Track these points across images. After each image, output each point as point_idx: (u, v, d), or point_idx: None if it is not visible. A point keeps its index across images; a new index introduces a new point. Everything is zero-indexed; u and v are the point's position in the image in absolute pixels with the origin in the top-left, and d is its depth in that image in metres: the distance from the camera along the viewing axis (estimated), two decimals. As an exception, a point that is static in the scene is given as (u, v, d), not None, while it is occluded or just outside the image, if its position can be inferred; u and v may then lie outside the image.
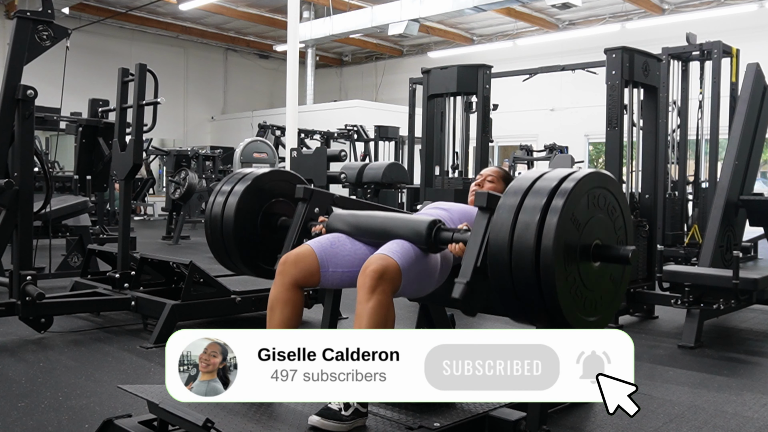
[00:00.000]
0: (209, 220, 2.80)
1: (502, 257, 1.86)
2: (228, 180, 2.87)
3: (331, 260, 2.42)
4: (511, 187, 1.98)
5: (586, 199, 1.91)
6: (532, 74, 9.72)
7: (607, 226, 1.99)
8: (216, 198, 2.82)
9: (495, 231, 1.91)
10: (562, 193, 1.86)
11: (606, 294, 2.01)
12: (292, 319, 2.38)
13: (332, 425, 2.04)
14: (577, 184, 1.88)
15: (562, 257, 1.82)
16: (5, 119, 3.82)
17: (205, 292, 4.14)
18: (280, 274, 2.40)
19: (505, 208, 1.92)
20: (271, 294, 2.40)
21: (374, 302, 2.13)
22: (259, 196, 2.82)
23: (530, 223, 1.84)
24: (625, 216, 2.06)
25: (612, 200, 2.02)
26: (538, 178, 1.96)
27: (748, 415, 2.85)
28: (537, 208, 1.85)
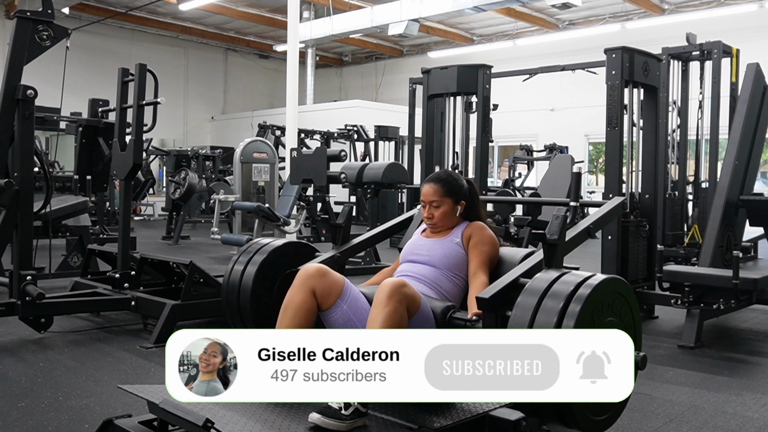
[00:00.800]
0: (227, 287, 2.85)
1: None
2: (246, 251, 2.92)
3: (351, 301, 2.40)
4: (529, 287, 2.07)
5: (601, 304, 2.01)
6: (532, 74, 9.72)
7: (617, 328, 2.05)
8: (234, 266, 2.88)
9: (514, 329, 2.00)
10: (578, 299, 1.96)
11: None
12: (304, 324, 2.35)
13: (332, 424, 2.04)
14: (593, 290, 1.98)
15: None
16: (5, 119, 3.82)
17: (205, 292, 4.14)
18: (301, 276, 2.38)
19: (523, 307, 2.02)
20: (287, 296, 2.38)
21: (391, 308, 2.14)
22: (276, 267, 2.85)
23: (548, 324, 1.94)
24: (636, 321, 2.15)
25: (624, 305, 2.11)
26: (555, 280, 2.05)
27: (748, 415, 2.85)
28: (555, 310, 1.95)
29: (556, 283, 2.04)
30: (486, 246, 2.62)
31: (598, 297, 1.98)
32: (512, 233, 6.32)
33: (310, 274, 2.38)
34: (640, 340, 2.16)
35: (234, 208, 8.42)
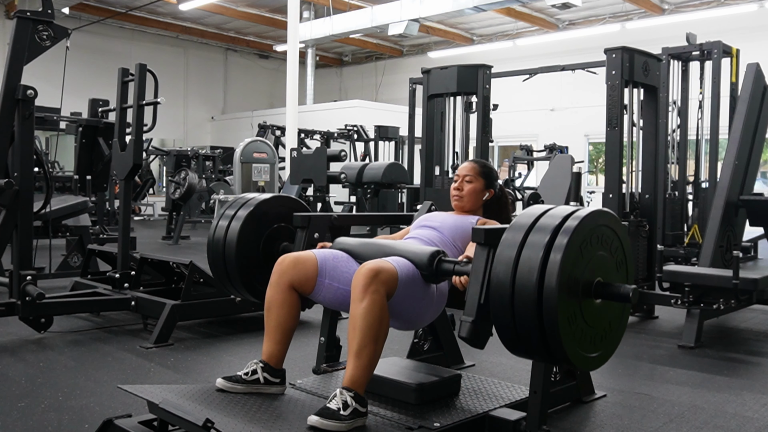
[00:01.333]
0: (212, 245, 2.81)
1: (504, 292, 1.87)
2: (231, 205, 2.88)
3: (330, 272, 2.40)
4: (514, 223, 1.98)
5: (589, 237, 1.92)
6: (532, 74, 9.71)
7: (609, 264, 2.00)
8: (219, 222, 2.82)
9: (498, 266, 1.91)
10: (565, 232, 1.86)
11: (607, 330, 2.02)
12: (289, 319, 2.39)
13: (331, 425, 2.04)
14: (581, 222, 1.89)
15: (565, 295, 1.83)
16: (5, 119, 3.82)
17: (205, 292, 4.14)
18: (276, 273, 2.39)
19: (508, 243, 1.92)
20: (267, 294, 2.40)
21: (368, 302, 2.13)
22: (262, 222, 2.83)
23: (534, 259, 1.84)
24: (626, 254, 2.07)
25: (614, 238, 2.03)
26: (541, 215, 1.97)
27: (748, 415, 2.85)
28: (540, 245, 1.86)
29: (542, 217, 1.95)
30: None
31: (586, 230, 1.90)
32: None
33: (283, 269, 2.39)
34: (632, 273, 2.10)
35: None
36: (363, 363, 2.13)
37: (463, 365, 3.36)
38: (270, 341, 2.39)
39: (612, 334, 2.04)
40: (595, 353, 1.97)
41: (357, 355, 2.13)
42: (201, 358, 3.57)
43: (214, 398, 2.25)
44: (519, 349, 1.96)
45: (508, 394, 2.59)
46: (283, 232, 2.89)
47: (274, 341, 2.38)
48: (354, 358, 2.13)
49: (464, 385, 2.63)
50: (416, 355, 3.11)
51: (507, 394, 2.59)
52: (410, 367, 2.66)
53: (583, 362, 1.93)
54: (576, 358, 1.88)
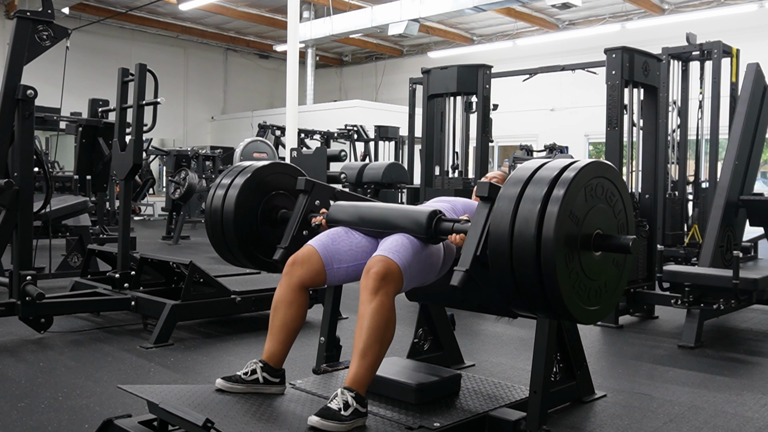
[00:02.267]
0: (209, 213, 2.79)
1: (503, 247, 1.85)
2: (228, 173, 2.86)
3: (335, 257, 2.43)
4: (512, 177, 1.96)
5: (587, 188, 1.90)
6: (532, 74, 9.71)
7: (608, 216, 1.97)
8: (216, 191, 2.80)
9: (495, 220, 1.89)
10: (562, 183, 1.84)
11: (607, 283, 1.99)
12: (296, 320, 2.39)
13: (331, 425, 2.04)
14: (578, 173, 1.86)
15: (563, 247, 1.80)
16: (5, 119, 3.81)
17: (205, 292, 4.14)
18: (286, 275, 2.41)
19: (505, 197, 1.91)
20: (276, 294, 2.41)
21: (377, 303, 2.15)
22: (259, 189, 2.81)
23: (531, 212, 1.82)
24: (625, 205, 2.05)
25: (613, 189, 2.00)
26: (538, 168, 1.95)
27: (748, 415, 2.85)
28: (538, 198, 1.84)
29: (539, 169, 1.93)
30: None
31: (583, 181, 1.88)
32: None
33: (293, 270, 2.39)
34: (632, 224, 2.09)
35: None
36: (367, 363, 2.13)
37: (463, 365, 3.36)
38: (273, 340, 2.39)
39: (613, 286, 2.02)
40: (594, 306, 1.95)
41: (362, 355, 2.13)
42: (201, 358, 3.57)
43: (214, 398, 2.25)
44: (518, 302, 1.94)
45: (508, 394, 2.59)
46: (281, 199, 2.88)
47: (277, 340, 2.38)
48: (359, 358, 2.13)
49: (464, 385, 2.63)
50: (416, 355, 3.11)
51: (507, 394, 2.58)
52: (410, 367, 2.66)
53: (583, 315, 1.90)
54: (575, 310, 1.86)
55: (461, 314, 4.42)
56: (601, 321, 3.68)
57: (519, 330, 4.34)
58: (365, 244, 2.47)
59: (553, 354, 2.59)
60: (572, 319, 1.90)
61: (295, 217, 2.76)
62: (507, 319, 2.83)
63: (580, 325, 2.63)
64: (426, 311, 3.13)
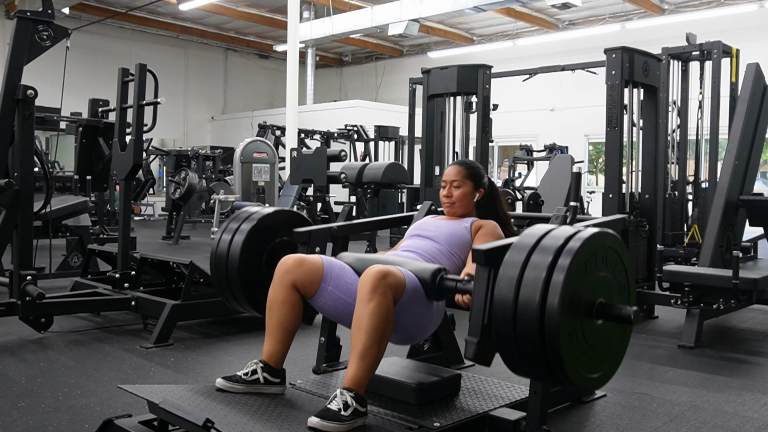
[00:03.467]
0: (215, 258, 2.80)
1: (507, 312, 1.88)
2: (234, 219, 2.88)
3: (334, 280, 2.39)
4: (517, 243, 1.98)
5: (592, 257, 1.93)
6: (532, 74, 9.72)
7: (611, 285, 2.00)
8: (222, 236, 2.82)
9: (501, 286, 1.92)
10: (568, 252, 1.87)
11: (608, 351, 2.02)
12: (291, 319, 2.37)
13: (331, 426, 2.04)
14: (584, 243, 1.90)
15: (567, 314, 1.83)
16: (5, 119, 3.82)
17: (205, 292, 4.14)
18: (279, 272, 2.37)
19: (511, 264, 1.93)
20: (269, 294, 2.39)
21: (375, 304, 2.12)
22: (264, 236, 2.83)
23: (536, 280, 1.85)
24: (629, 275, 2.07)
25: (616, 259, 2.03)
26: (544, 235, 1.97)
27: (748, 415, 2.85)
28: (543, 265, 1.86)
29: (544, 237, 1.96)
30: (491, 238, 2.61)
31: (588, 251, 1.90)
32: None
33: (287, 268, 2.37)
34: (633, 294, 2.10)
35: (234, 208, 8.43)
36: (366, 364, 2.13)
37: (463, 365, 3.36)
38: (271, 341, 2.38)
39: (613, 354, 2.05)
40: (596, 374, 1.97)
41: (361, 356, 2.12)
42: (201, 358, 3.57)
43: (214, 398, 2.25)
44: (521, 369, 1.97)
45: (508, 394, 2.60)
46: (285, 245, 2.89)
47: (275, 341, 2.38)
48: (357, 359, 2.13)
49: (464, 385, 2.63)
50: (416, 355, 3.11)
51: (507, 394, 2.59)
52: (410, 367, 2.66)
53: (585, 382, 1.93)
54: (578, 379, 1.89)
55: (461, 314, 4.41)
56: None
57: (519, 330, 4.34)
58: None
59: (553, 354, 2.58)
60: (574, 386, 1.93)
61: None
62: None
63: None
64: (426, 311, 3.13)
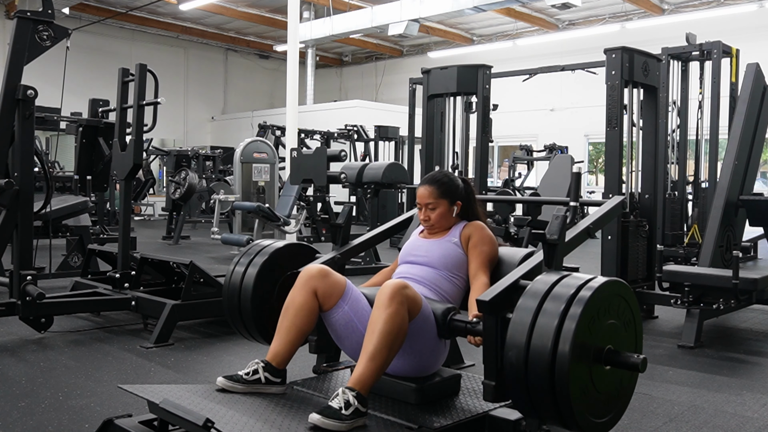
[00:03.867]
0: (227, 290, 2.83)
1: (519, 358, 1.95)
2: (247, 252, 2.90)
3: (353, 302, 2.40)
4: (529, 290, 2.05)
5: (602, 306, 2.00)
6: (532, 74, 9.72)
7: (620, 333, 2.07)
8: (235, 268, 2.85)
9: (513, 332, 1.99)
10: (579, 301, 1.94)
11: (615, 396, 2.09)
12: (305, 324, 2.37)
13: (332, 424, 2.04)
14: (595, 292, 1.97)
15: (577, 361, 1.91)
16: (5, 119, 3.82)
17: (205, 292, 4.14)
18: (303, 278, 2.40)
19: (524, 310, 2.00)
20: (289, 297, 2.40)
21: (393, 310, 2.15)
22: (276, 269, 2.84)
23: (549, 327, 1.93)
24: (636, 323, 2.15)
25: (626, 308, 2.10)
26: (556, 282, 2.04)
27: (748, 415, 2.85)
28: (556, 313, 1.94)
29: (557, 285, 2.04)
30: (486, 246, 2.61)
31: (599, 299, 1.98)
32: (512, 233, 6.32)
33: (312, 274, 2.39)
34: (641, 342, 2.17)
35: (234, 208, 8.43)
36: (375, 366, 2.14)
37: (463, 365, 3.36)
38: (280, 341, 2.37)
39: (620, 399, 2.11)
40: (603, 418, 2.03)
41: (371, 358, 2.13)
42: (201, 358, 3.57)
43: (215, 398, 2.25)
44: (531, 412, 2.03)
45: (508, 394, 2.60)
46: (296, 279, 2.92)
47: (284, 342, 2.37)
48: (367, 360, 2.14)
49: (464, 385, 2.63)
50: (416, 355, 3.10)
51: (507, 394, 2.59)
52: (410, 367, 2.65)
53: (592, 427, 1.99)
54: (585, 423, 1.95)
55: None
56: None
57: (519, 330, 4.34)
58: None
59: (553, 354, 2.59)
60: (582, 431, 1.98)
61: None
62: None
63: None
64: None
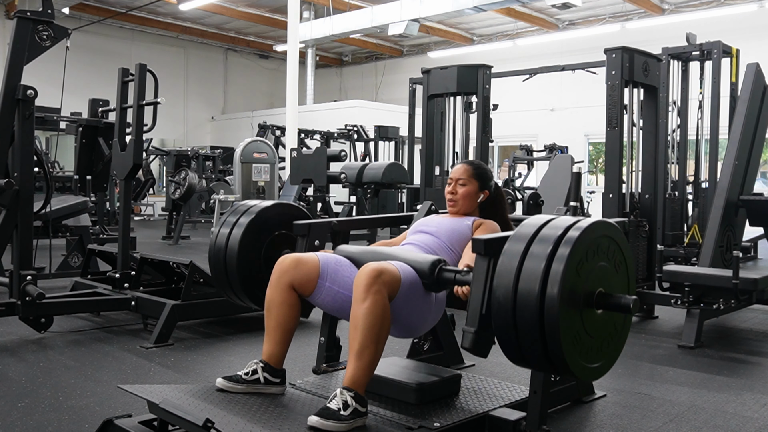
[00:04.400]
0: (213, 252, 2.80)
1: (507, 302, 1.87)
2: (232, 212, 2.88)
3: (331, 275, 2.40)
4: (516, 234, 1.98)
5: (591, 247, 1.93)
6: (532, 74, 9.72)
7: (610, 275, 2.00)
8: (220, 230, 2.81)
9: (500, 276, 1.91)
10: (567, 242, 1.86)
11: (607, 341, 2.02)
12: (290, 319, 2.38)
13: (331, 425, 2.04)
14: (583, 232, 1.89)
15: (567, 305, 1.82)
16: (5, 119, 3.82)
17: (205, 292, 4.14)
18: (276, 273, 2.38)
19: (510, 254, 1.92)
20: (267, 295, 2.39)
21: (370, 302, 2.13)
22: (263, 229, 2.82)
23: (536, 270, 1.84)
24: (628, 264, 2.07)
25: (616, 249, 2.03)
26: (543, 225, 1.97)
27: (748, 415, 2.85)
28: (543, 255, 1.86)
29: (544, 227, 1.95)
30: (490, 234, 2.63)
31: (587, 240, 1.90)
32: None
33: (284, 269, 2.37)
34: (633, 285, 2.10)
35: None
36: (364, 363, 2.13)
37: (463, 365, 3.36)
38: (270, 341, 2.38)
39: (613, 344, 2.04)
40: (596, 363, 1.97)
41: (358, 356, 2.13)
42: (201, 358, 3.57)
43: (214, 398, 2.25)
44: (521, 359, 1.96)
45: (508, 394, 2.60)
46: (284, 239, 2.89)
47: (274, 341, 2.38)
48: (355, 359, 2.13)
49: (464, 385, 2.63)
50: (416, 355, 3.11)
51: (507, 394, 2.59)
52: (410, 367, 2.66)
53: (585, 372, 1.93)
54: (578, 369, 1.88)
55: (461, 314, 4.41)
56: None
57: (519, 330, 4.34)
58: None
59: (553, 354, 2.58)
60: (575, 377, 1.92)
61: None
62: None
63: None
64: (426, 311, 3.13)
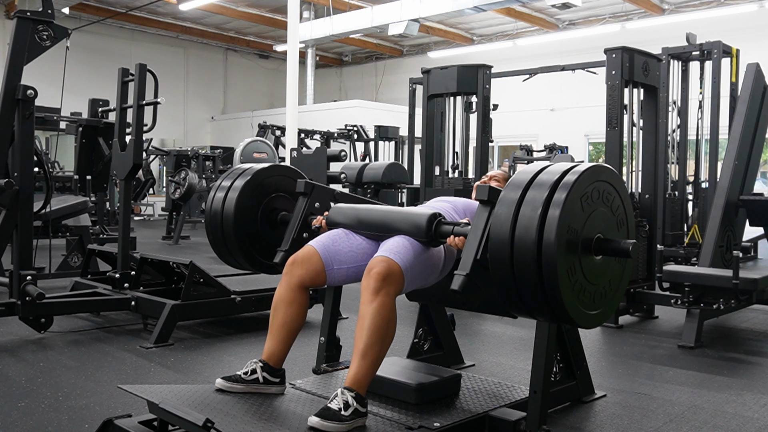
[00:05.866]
0: (209, 215, 2.79)
1: (504, 250, 1.84)
2: (228, 175, 2.86)
3: (335, 258, 2.44)
4: (512, 181, 1.96)
5: (588, 192, 1.89)
6: (532, 74, 9.71)
7: (609, 220, 1.97)
8: (216, 193, 2.81)
9: (496, 224, 1.88)
10: (564, 187, 1.83)
11: (608, 287, 1.99)
12: (296, 319, 2.39)
13: (331, 426, 2.04)
14: (580, 177, 1.86)
15: (564, 251, 1.79)
16: (5, 119, 3.82)
17: (205, 292, 4.14)
18: (286, 275, 2.42)
19: (506, 201, 1.90)
20: (276, 294, 2.42)
21: (378, 304, 2.16)
22: (259, 191, 2.82)
23: (532, 216, 1.81)
24: (626, 209, 2.04)
25: (614, 194, 2.00)
26: (540, 171, 1.94)
27: (748, 415, 2.85)
28: (539, 201, 1.82)
29: (540, 173, 1.92)
30: None
31: (585, 185, 1.87)
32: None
33: (293, 270, 2.40)
34: (632, 230, 2.08)
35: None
36: (368, 363, 2.14)
37: (463, 365, 3.36)
38: (273, 340, 2.39)
39: (613, 290, 2.02)
40: (595, 310, 1.95)
41: (363, 355, 2.13)
42: (201, 358, 3.57)
43: (214, 398, 2.25)
44: (520, 307, 1.93)
45: (508, 394, 2.59)
46: (280, 201, 2.88)
47: (277, 340, 2.38)
48: (359, 358, 2.14)
49: (464, 385, 2.63)
50: (416, 355, 3.11)
51: (507, 394, 2.59)
52: (410, 367, 2.66)
53: (584, 319, 1.90)
54: (576, 314, 1.86)
55: (461, 314, 4.42)
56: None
57: (519, 330, 4.34)
58: (365, 246, 2.48)
59: (553, 354, 2.59)
60: (574, 324, 1.90)
61: (295, 220, 2.76)
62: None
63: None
64: (426, 311, 3.13)
